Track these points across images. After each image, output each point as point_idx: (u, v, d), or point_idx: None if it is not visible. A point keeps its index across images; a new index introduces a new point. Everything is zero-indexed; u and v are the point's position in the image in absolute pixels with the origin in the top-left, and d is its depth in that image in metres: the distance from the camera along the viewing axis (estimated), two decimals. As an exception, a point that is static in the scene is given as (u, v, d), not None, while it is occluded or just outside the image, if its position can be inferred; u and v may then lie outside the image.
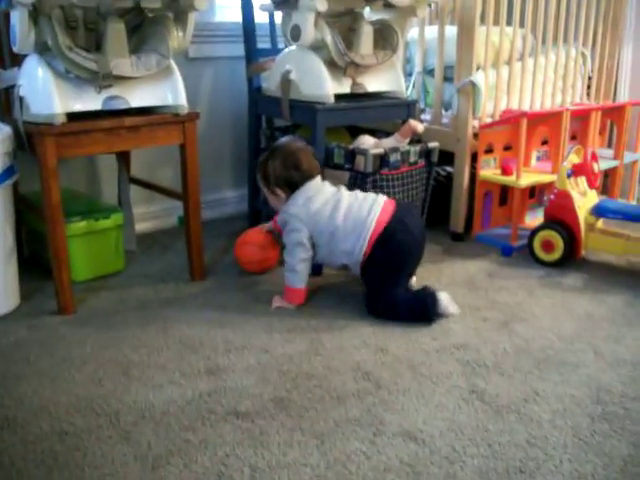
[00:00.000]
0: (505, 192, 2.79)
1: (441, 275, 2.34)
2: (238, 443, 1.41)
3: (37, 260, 2.33)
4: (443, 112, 2.76)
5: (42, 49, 1.90)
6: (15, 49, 1.89)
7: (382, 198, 2.09)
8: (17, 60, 2.06)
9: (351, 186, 2.35)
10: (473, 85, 2.57)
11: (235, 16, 2.82)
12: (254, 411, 1.52)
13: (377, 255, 2.01)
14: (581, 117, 2.83)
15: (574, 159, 2.44)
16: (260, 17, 2.71)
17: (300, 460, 1.36)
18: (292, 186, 2.10)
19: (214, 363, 1.73)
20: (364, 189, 2.31)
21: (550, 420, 1.50)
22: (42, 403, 1.54)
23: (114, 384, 1.63)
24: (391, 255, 2.01)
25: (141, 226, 2.74)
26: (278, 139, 2.64)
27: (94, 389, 1.60)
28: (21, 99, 1.94)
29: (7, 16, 1.91)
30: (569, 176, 2.40)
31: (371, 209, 2.04)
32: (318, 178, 2.13)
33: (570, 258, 2.42)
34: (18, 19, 1.81)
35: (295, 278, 2.07)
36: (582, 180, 2.47)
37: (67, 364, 1.72)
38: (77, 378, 1.65)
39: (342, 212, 2.04)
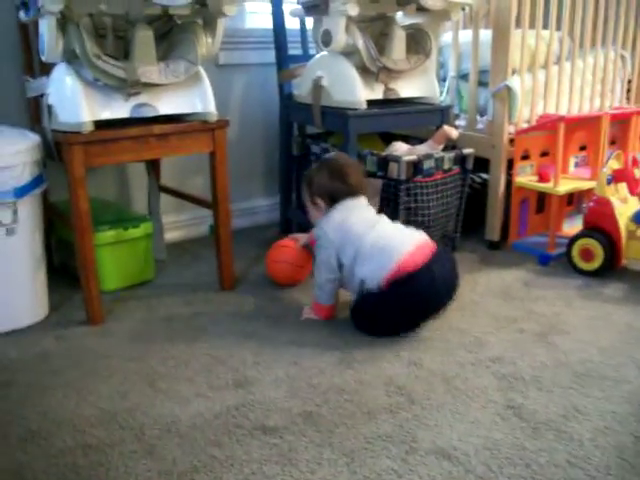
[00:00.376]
0: (542, 199, 2.72)
1: (476, 285, 2.28)
2: (265, 460, 1.36)
3: (67, 269, 2.32)
4: (478, 118, 2.69)
5: (70, 57, 1.89)
6: (43, 58, 1.88)
7: (422, 236, 1.96)
8: (46, 69, 2.05)
9: (384, 193, 2.31)
10: (509, 90, 2.51)
11: (266, 22, 2.79)
12: (282, 426, 1.48)
13: (391, 297, 1.86)
14: (621, 121, 2.75)
15: (614, 165, 2.36)
16: (291, 23, 2.67)
17: (329, 478, 1.31)
18: (334, 198, 2.01)
19: (242, 376, 1.69)
20: (398, 197, 2.27)
21: (591, 439, 1.43)
22: (66, 415, 1.52)
23: (140, 397, 1.60)
24: (405, 302, 1.87)
25: (171, 235, 2.72)
26: (310, 146, 2.63)
27: (119, 402, 1.57)
28: (49, 107, 1.93)
29: (36, 24, 1.89)
30: (609, 182, 2.33)
31: (404, 242, 1.90)
32: (362, 199, 2.04)
33: (610, 267, 2.34)
34: (46, 28, 1.80)
35: (321, 295, 2.02)
36: (623, 186, 2.39)
37: (93, 376, 1.69)
38: (102, 390, 1.62)
39: (374, 234, 1.93)
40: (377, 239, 1.92)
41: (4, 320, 1.94)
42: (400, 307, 1.87)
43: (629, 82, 3.11)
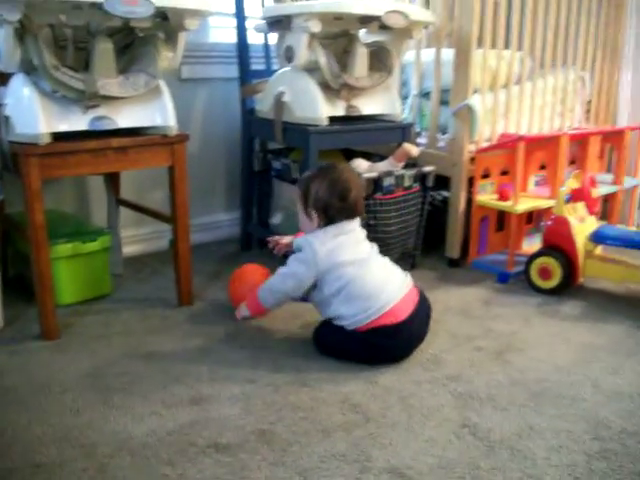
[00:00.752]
0: (502, 217, 2.74)
1: (435, 302, 2.26)
2: (218, 478, 1.35)
3: (23, 282, 2.28)
4: (439, 136, 2.71)
5: (29, 68, 1.86)
6: (0, 67, 1.85)
7: (409, 282, 1.91)
8: (4, 80, 2.02)
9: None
10: (469, 109, 2.53)
11: (229, 37, 2.79)
12: (236, 444, 1.46)
13: (366, 342, 1.81)
14: (580, 141, 2.79)
15: (572, 184, 2.39)
16: (254, 38, 2.67)
17: (282, 498, 1.30)
18: (329, 216, 1.87)
19: (198, 393, 1.67)
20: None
21: (545, 457, 1.43)
22: (16, 433, 1.48)
23: (93, 413, 1.57)
24: (380, 350, 1.83)
25: (131, 249, 2.69)
26: (271, 162, 2.62)
27: (72, 419, 1.54)
28: (7, 118, 1.90)
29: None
30: (567, 201, 2.36)
31: (394, 292, 1.84)
32: (357, 223, 1.92)
33: (568, 285, 2.36)
34: (4, 37, 1.77)
35: (268, 300, 1.96)
36: (581, 206, 2.42)
37: (45, 392, 1.66)
38: (54, 407, 1.59)
39: (365, 277, 1.83)
40: (366, 283, 1.83)
41: (-45, 334, 1.90)
42: (373, 353, 1.83)
43: (588, 103, 3.16)
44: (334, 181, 1.87)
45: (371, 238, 1.97)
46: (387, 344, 1.82)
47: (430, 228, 2.64)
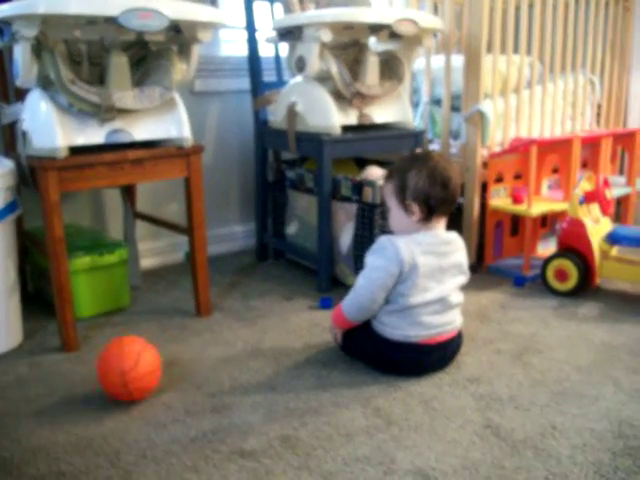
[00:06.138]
0: (516, 222, 2.74)
1: (453, 307, 2.29)
2: (243, 483, 1.35)
3: (42, 296, 2.30)
4: (451, 142, 2.72)
5: (45, 83, 1.89)
6: (18, 83, 1.87)
7: (460, 320, 1.87)
8: (21, 95, 2.05)
9: (359, 218, 2.32)
10: (481, 114, 2.54)
11: (240, 50, 2.82)
12: (260, 450, 1.46)
13: (401, 352, 1.77)
14: (592, 144, 2.79)
15: (586, 186, 2.40)
16: (265, 51, 2.70)
17: (307, 501, 1.30)
18: (430, 208, 1.75)
19: (219, 401, 1.68)
20: (373, 220, 2.28)
21: (570, 456, 1.43)
22: (40, 443, 1.49)
23: (115, 423, 1.58)
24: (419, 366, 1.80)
25: (147, 262, 2.71)
26: (285, 172, 2.64)
27: (94, 428, 1.55)
28: (24, 133, 1.92)
29: (11, 50, 1.89)
30: (581, 203, 2.36)
31: (455, 321, 1.83)
32: (444, 220, 1.84)
33: (585, 287, 2.36)
34: (21, 53, 1.80)
35: (352, 313, 1.82)
36: (595, 207, 2.42)
37: (68, 403, 1.67)
38: (77, 417, 1.60)
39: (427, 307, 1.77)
40: (427, 311, 1.76)
41: (-23, 348, 1.91)
42: (399, 365, 1.80)
43: (599, 106, 3.16)
44: (433, 169, 1.75)
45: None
46: (416, 359, 1.79)
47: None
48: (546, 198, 2.68)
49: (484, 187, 2.61)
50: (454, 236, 1.86)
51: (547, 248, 2.76)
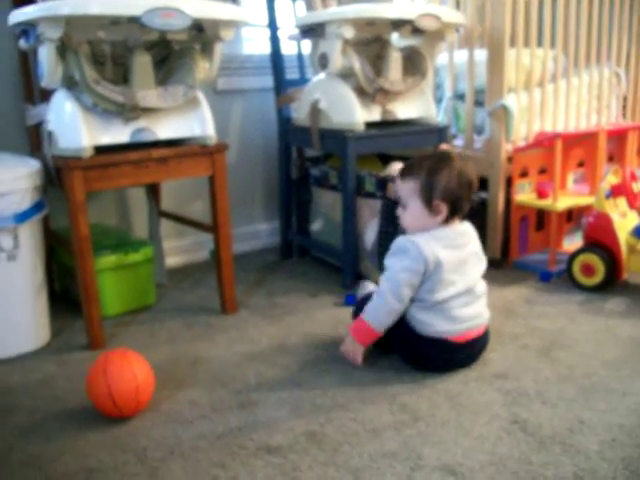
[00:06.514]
0: (542, 217, 2.72)
1: (478, 303, 2.27)
2: (269, 479, 1.35)
3: (68, 296, 2.32)
4: (475, 137, 2.71)
5: (70, 84, 1.91)
6: (43, 84, 1.89)
7: (488, 315, 1.86)
8: (46, 97, 2.07)
9: (384, 214, 2.32)
10: (505, 108, 2.52)
11: (263, 48, 2.82)
12: (286, 445, 1.47)
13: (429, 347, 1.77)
14: (618, 137, 2.76)
15: (612, 179, 2.37)
16: (288, 48, 2.70)
17: (334, 496, 1.30)
18: (455, 208, 1.77)
19: (245, 397, 1.68)
20: (397, 217, 2.27)
21: (598, 451, 1.42)
22: (69, 440, 1.51)
23: (142, 420, 1.59)
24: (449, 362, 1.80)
25: (172, 260, 2.72)
26: (308, 169, 2.64)
27: (121, 425, 1.56)
28: (50, 134, 1.94)
29: (36, 52, 1.91)
30: (607, 197, 2.33)
31: (483, 314, 1.82)
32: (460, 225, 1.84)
33: (611, 282, 2.33)
34: (46, 54, 1.82)
35: (377, 319, 1.78)
36: (621, 201, 2.39)
37: (96, 400, 1.69)
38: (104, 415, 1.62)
39: (460, 288, 1.77)
40: (456, 307, 1.76)
41: (6, 346, 1.94)
42: (427, 361, 1.80)
43: (624, 99, 3.13)
44: (460, 171, 1.76)
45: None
46: (446, 357, 1.79)
47: (469, 229, 2.63)
48: (572, 192, 2.66)
49: (509, 182, 2.59)
50: (467, 226, 1.86)
51: (572, 243, 2.73)
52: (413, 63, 2.44)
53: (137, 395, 1.56)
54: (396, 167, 2.44)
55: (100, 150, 1.89)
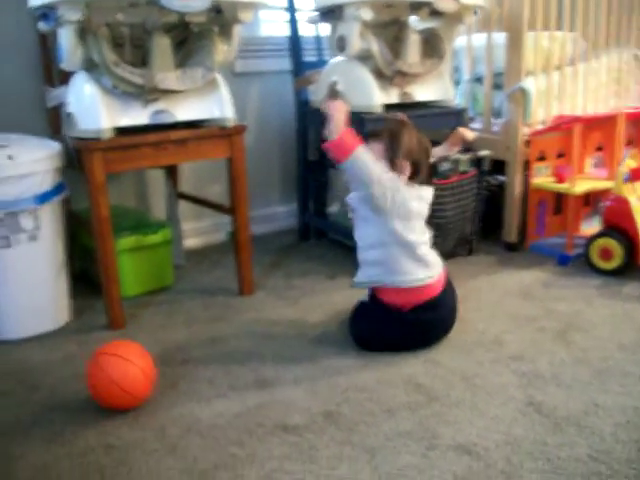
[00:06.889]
0: (559, 200, 2.71)
1: (494, 286, 2.28)
2: (286, 457, 1.37)
3: (88, 277, 2.34)
4: (493, 120, 2.70)
5: (89, 66, 1.92)
6: (62, 66, 1.91)
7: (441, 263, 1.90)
8: (65, 79, 2.08)
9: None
10: (523, 91, 2.51)
11: (281, 30, 2.82)
12: (303, 425, 1.49)
13: (415, 317, 1.82)
14: (637, 121, 2.75)
15: (631, 163, 2.36)
16: (306, 31, 2.70)
17: (350, 475, 1.32)
18: (417, 170, 1.81)
19: (262, 376, 1.71)
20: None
21: (612, 433, 1.43)
22: (89, 417, 1.53)
23: (160, 398, 1.61)
24: (425, 326, 1.84)
25: (190, 242, 2.74)
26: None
27: (140, 404, 1.59)
28: (69, 116, 1.96)
29: (55, 35, 1.92)
30: (626, 181, 2.32)
31: (438, 264, 1.87)
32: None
33: (629, 266, 2.33)
34: (66, 37, 1.83)
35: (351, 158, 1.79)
36: (640, 185, 2.38)
37: (116, 378, 1.71)
38: (125, 392, 1.64)
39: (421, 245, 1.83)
40: (422, 249, 1.83)
41: (28, 325, 1.97)
42: (419, 331, 1.83)
43: (645, 82, 3.10)
44: (421, 137, 1.85)
45: (428, 224, 1.97)
46: (432, 318, 1.82)
47: (487, 213, 2.63)
48: (590, 176, 2.64)
49: (526, 165, 2.59)
50: (427, 191, 1.87)
51: (590, 227, 2.72)
52: (431, 45, 2.43)
53: (145, 377, 1.57)
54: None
55: (119, 132, 1.91)
